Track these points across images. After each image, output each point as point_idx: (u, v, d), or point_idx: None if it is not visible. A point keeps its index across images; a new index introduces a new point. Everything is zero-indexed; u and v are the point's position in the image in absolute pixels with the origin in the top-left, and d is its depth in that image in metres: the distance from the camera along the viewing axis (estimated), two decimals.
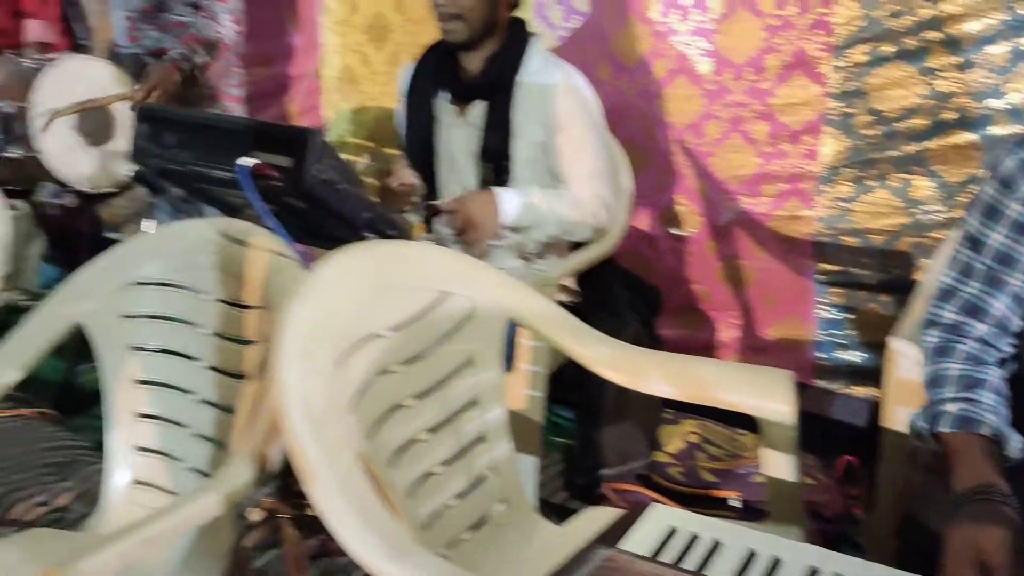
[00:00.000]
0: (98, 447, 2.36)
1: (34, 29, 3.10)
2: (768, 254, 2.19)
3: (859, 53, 1.91)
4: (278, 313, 1.26)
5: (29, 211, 2.52)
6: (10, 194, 2.44)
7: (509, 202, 1.74)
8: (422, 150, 1.91)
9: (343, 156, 2.74)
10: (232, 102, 2.61)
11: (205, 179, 1.39)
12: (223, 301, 1.35)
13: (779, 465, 1.21)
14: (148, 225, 2.48)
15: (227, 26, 2.44)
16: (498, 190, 1.76)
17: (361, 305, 1.15)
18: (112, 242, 3.30)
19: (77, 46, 3.48)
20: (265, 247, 1.31)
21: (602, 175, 1.86)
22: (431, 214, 1.80)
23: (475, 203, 1.71)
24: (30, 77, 2.18)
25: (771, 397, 1.19)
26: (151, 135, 1.43)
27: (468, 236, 1.71)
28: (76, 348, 2.45)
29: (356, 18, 2.69)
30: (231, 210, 1.50)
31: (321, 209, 1.36)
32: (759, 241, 2.19)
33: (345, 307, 1.13)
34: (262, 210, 1.23)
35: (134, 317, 1.38)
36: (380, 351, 1.18)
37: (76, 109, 2.21)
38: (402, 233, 1.51)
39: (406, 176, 1.84)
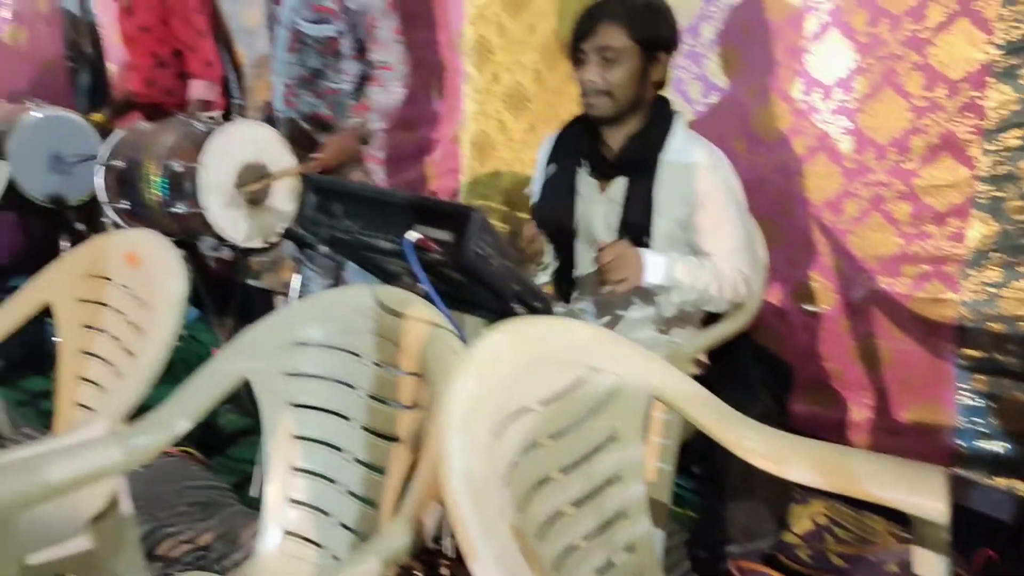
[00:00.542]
0: (236, 488, 2.50)
1: (198, 89, 3.37)
2: (906, 335, 2.14)
3: (1012, 137, 1.87)
4: (433, 381, 1.34)
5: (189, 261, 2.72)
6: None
7: (654, 263, 1.78)
8: (560, 222, 1.96)
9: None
10: (375, 164, 2.75)
11: (369, 248, 1.48)
12: (379, 365, 1.43)
13: (930, 565, 1.18)
14: (296, 279, 2.65)
15: (396, 93, 2.58)
16: (643, 250, 1.80)
17: (515, 380, 1.20)
18: (255, 289, 3.50)
19: (233, 105, 3.76)
20: (422, 316, 1.38)
21: (742, 251, 1.88)
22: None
23: (626, 247, 1.77)
24: (200, 139, 2.36)
25: (924, 494, 1.16)
26: (319, 205, 1.53)
27: (613, 275, 1.74)
28: None
29: (496, 87, 2.80)
30: (389, 277, 1.58)
31: (475, 281, 1.42)
32: (897, 322, 2.14)
33: (501, 382, 1.18)
34: (425, 282, 1.30)
35: (296, 375, 1.47)
36: (531, 425, 1.22)
37: (266, 182, 2.38)
38: (546, 304, 1.56)
39: (535, 236, 1.89)
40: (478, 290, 1.47)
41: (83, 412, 1.72)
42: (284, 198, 2.52)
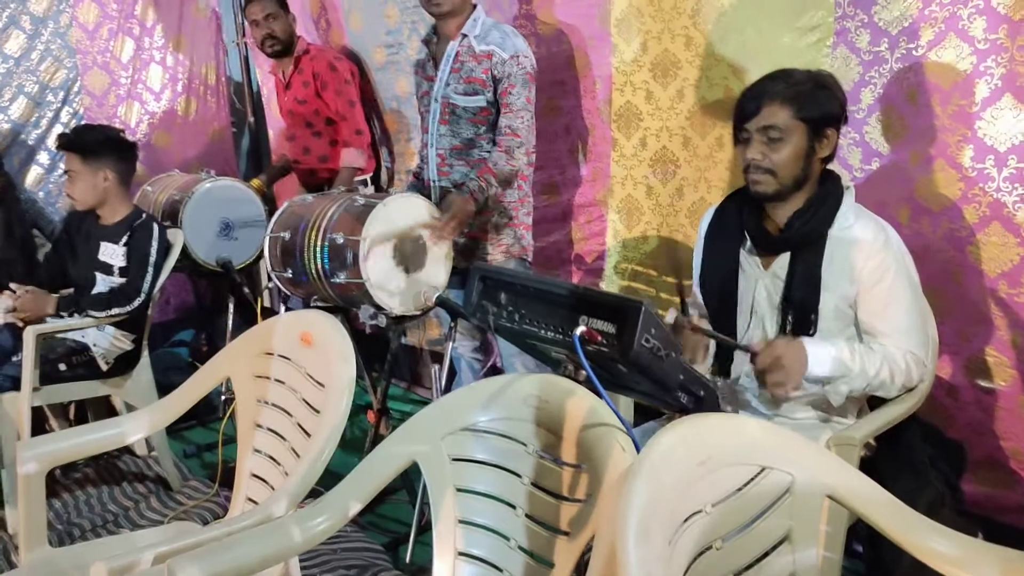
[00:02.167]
0: (387, 548, 2.56)
1: (349, 156, 3.54)
2: None
3: None
4: (597, 475, 1.34)
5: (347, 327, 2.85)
6: (329, 310, 2.76)
7: (817, 354, 1.71)
8: (721, 297, 1.93)
9: (631, 284, 2.85)
10: (523, 228, 2.80)
11: (533, 336, 1.50)
12: (543, 454, 1.44)
13: None
14: (448, 347, 2.71)
15: (520, 159, 2.63)
16: (807, 340, 1.73)
17: (688, 483, 1.19)
18: (403, 346, 3.60)
19: (382, 168, 3.93)
20: (586, 408, 1.39)
21: (915, 331, 1.79)
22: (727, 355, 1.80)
23: (783, 349, 1.69)
24: (360, 213, 2.47)
25: None
26: (486, 293, 1.57)
27: (771, 379, 1.69)
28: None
29: (643, 153, 2.80)
30: (551, 362, 1.60)
31: (640, 372, 1.41)
32: None
33: (674, 484, 1.16)
34: (593, 378, 1.31)
35: (462, 460, 1.50)
36: (703, 528, 1.20)
37: (390, 238, 2.47)
38: (711, 393, 1.54)
39: (700, 325, 1.86)
40: (641, 379, 1.47)
41: (257, 483, 1.81)
42: (438, 268, 2.60)
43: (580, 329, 1.37)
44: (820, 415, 1.90)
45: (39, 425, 3.10)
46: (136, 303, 2.86)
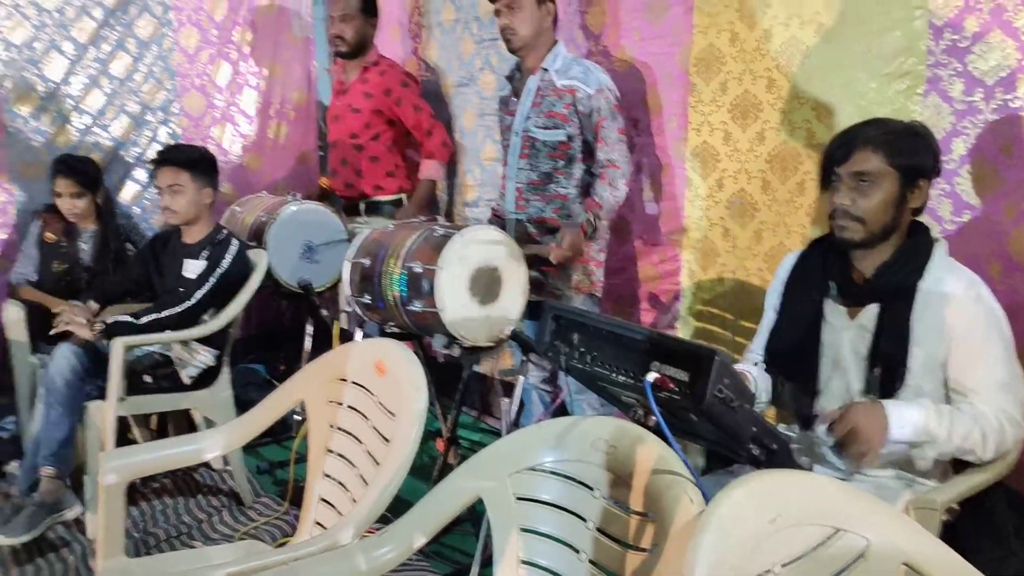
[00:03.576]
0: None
1: (429, 168, 3.66)
2: None
3: None
4: (664, 525, 1.32)
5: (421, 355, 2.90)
6: (403, 337, 2.81)
7: (900, 418, 1.65)
8: (802, 347, 1.89)
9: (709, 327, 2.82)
10: (594, 264, 2.80)
11: (605, 379, 1.50)
12: (608, 499, 1.43)
13: None
14: (520, 381, 2.72)
15: (621, 190, 2.65)
16: (889, 404, 1.67)
17: (757, 539, 1.16)
18: (475, 374, 3.63)
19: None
20: (655, 456, 1.37)
21: (1009, 389, 1.72)
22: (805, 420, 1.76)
23: (863, 415, 1.64)
24: (438, 243, 2.51)
25: None
26: (558, 332, 1.57)
27: (850, 449, 1.64)
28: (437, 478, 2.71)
29: (720, 194, 2.78)
30: (620, 404, 1.59)
31: (712, 422, 1.40)
32: None
33: (743, 541, 1.14)
34: (663, 424, 1.30)
35: (527, 500, 1.50)
36: None
37: (534, 253, 2.58)
38: (784, 447, 1.50)
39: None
40: (713, 429, 1.45)
41: (325, 508, 1.84)
42: (513, 300, 2.62)
43: (652, 375, 1.37)
44: (901, 475, 1.84)
45: (122, 433, 3.22)
46: (185, 306, 2.94)
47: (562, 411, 2.95)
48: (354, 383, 1.87)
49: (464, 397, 2.76)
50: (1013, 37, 2.06)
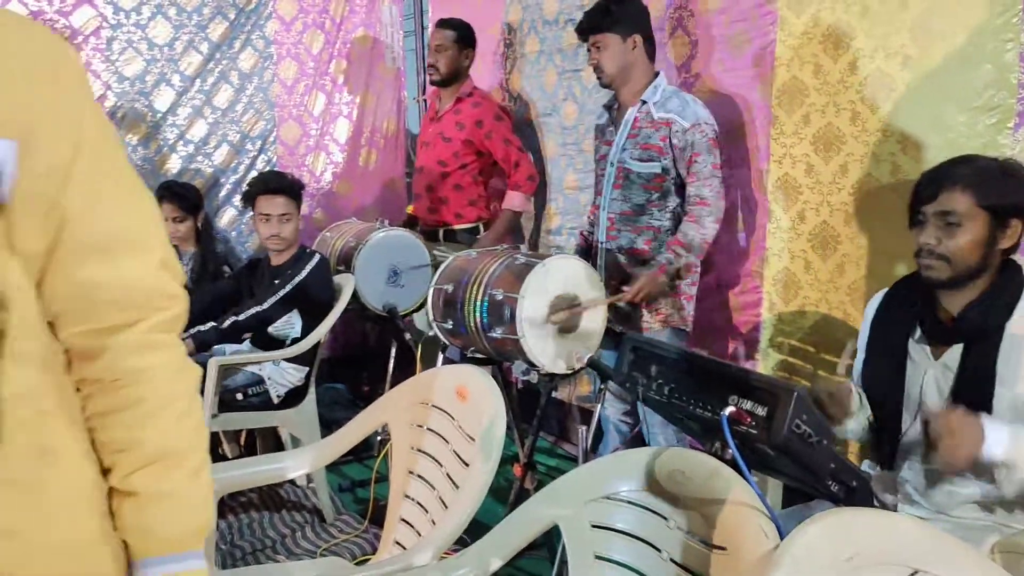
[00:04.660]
0: None
1: (515, 200, 3.70)
2: None
3: None
4: (740, 560, 1.33)
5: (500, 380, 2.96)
6: (484, 362, 2.87)
7: (995, 433, 1.60)
8: (886, 386, 1.87)
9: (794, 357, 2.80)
10: (685, 299, 2.81)
11: (682, 411, 1.52)
12: (684, 531, 1.45)
13: None
14: (596, 409, 2.75)
15: (710, 229, 2.66)
16: (985, 417, 1.63)
17: None
18: (553, 400, 3.67)
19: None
20: (731, 490, 1.39)
21: None
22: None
23: (960, 420, 1.60)
24: (520, 271, 2.56)
25: None
26: (636, 363, 1.61)
27: (943, 448, 1.59)
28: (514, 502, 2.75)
29: (802, 226, 2.76)
30: (700, 439, 1.61)
31: (788, 458, 1.40)
32: None
33: None
34: (739, 457, 1.31)
35: (603, 528, 1.53)
36: None
37: (576, 311, 2.57)
38: (863, 484, 1.50)
39: (846, 398, 1.81)
40: (790, 464, 1.45)
41: (405, 528, 1.90)
42: (592, 329, 2.65)
43: (729, 409, 1.39)
44: (987, 516, 1.79)
45: (213, 447, 3.37)
46: (257, 309, 3.10)
47: (639, 443, 2.95)
48: (436, 407, 1.93)
49: (541, 423, 2.80)
50: None
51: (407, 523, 1.92)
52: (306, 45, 4.51)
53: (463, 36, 3.74)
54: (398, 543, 1.91)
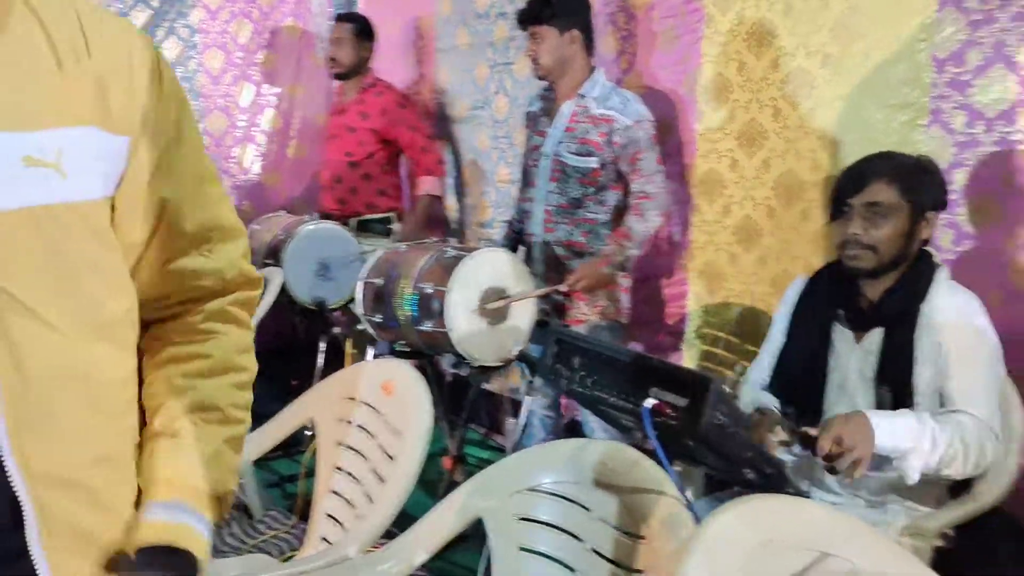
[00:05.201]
0: None
1: (427, 184, 3.72)
2: None
3: None
4: (658, 548, 1.36)
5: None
6: (414, 355, 2.86)
7: (885, 424, 1.64)
8: (809, 371, 1.93)
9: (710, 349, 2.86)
10: (620, 291, 2.84)
11: (604, 403, 1.54)
12: (606, 522, 1.47)
13: None
14: (528, 402, 2.77)
15: (654, 221, 2.69)
16: (870, 412, 1.67)
17: (744, 563, 1.20)
18: (484, 392, 3.68)
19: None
20: (651, 479, 1.42)
21: (990, 404, 1.75)
22: (802, 444, 1.77)
23: (845, 424, 1.61)
24: (449, 264, 2.56)
25: None
26: (560, 356, 1.62)
27: (840, 463, 1.61)
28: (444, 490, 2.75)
29: (727, 220, 2.82)
30: (619, 427, 1.63)
31: (708, 447, 1.43)
32: None
33: (730, 564, 1.18)
34: (660, 452, 1.34)
35: (527, 520, 1.54)
36: None
37: (507, 303, 2.57)
38: (778, 472, 1.54)
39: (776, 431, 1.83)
40: (709, 454, 1.49)
41: (331, 523, 1.89)
42: (521, 321, 2.66)
43: (650, 401, 1.41)
44: (897, 500, 1.86)
45: None
46: None
47: (574, 430, 2.98)
48: (362, 402, 1.92)
49: (472, 415, 2.81)
50: (1014, 71, 2.10)
51: (333, 519, 1.91)
52: (232, 35, 4.42)
53: (362, 29, 3.78)
54: (324, 539, 1.90)
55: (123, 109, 0.89)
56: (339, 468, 1.92)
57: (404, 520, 1.63)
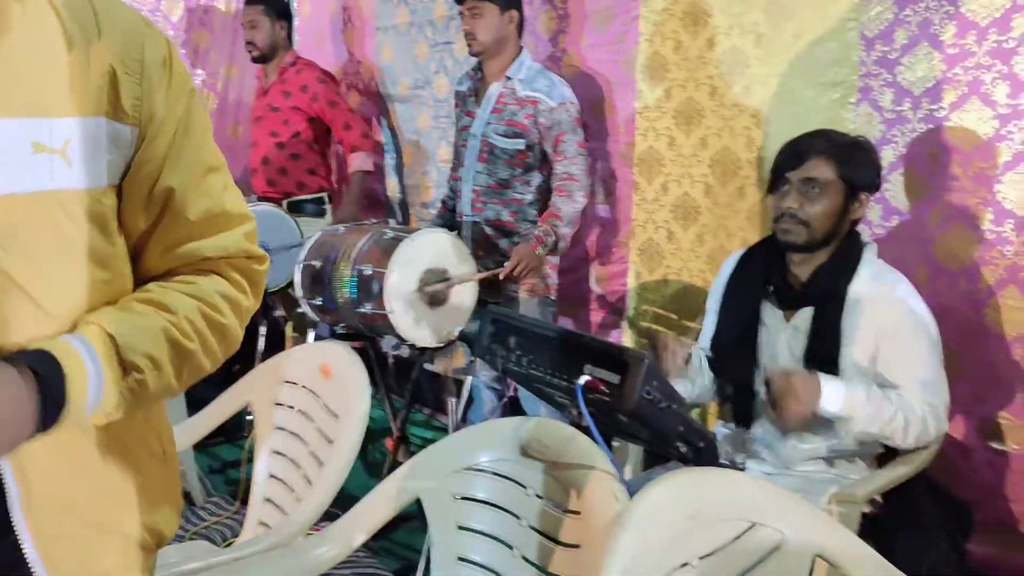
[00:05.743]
0: (397, 575, 2.61)
1: (357, 160, 3.68)
2: None
3: None
4: (592, 523, 1.38)
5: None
6: (354, 338, 2.84)
7: (832, 389, 1.74)
8: (740, 348, 1.96)
9: (648, 325, 2.89)
10: (549, 267, 2.86)
11: (540, 381, 1.55)
12: (542, 498, 1.49)
13: None
14: (467, 381, 2.77)
15: (580, 202, 2.70)
16: (823, 376, 1.76)
17: (675, 534, 1.22)
18: (427, 372, 3.68)
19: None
20: (585, 455, 1.43)
21: (933, 385, 1.81)
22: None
23: (800, 378, 1.74)
24: (389, 245, 2.55)
25: None
26: (496, 336, 1.63)
27: (783, 405, 1.72)
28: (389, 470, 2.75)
29: (665, 198, 2.85)
30: (556, 405, 1.65)
31: (640, 422, 1.46)
32: None
33: (661, 536, 1.20)
34: (592, 427, 1.36)
35: (465, 499, 1.55)
36: None
37: (456, 282, 2.57)
38: (710, 444, 1.57)
39: (676, 350, 1.88)
40: (643, 429, 1.51)
41: (271, 508, 1.88)
42: (462, 301, 2.66)
43: (584, 378, 1.42)
44: (828, 469, 1.92)
45: None
46: None
47: (514, 406, 3.00)
48: (300, 385, 1.90)
49: (414, 396, 2.81)
50: (939, 49, 2.15)
51: (273, 503, 1.89)
52: (164, 13, 4.31)
53: (274, 9, 3.72)
54: (263, 523, 1.89)
55: (133, 100, 0.90)
56: (277, 452, 1.91)
57: (348, 502, 1.62)
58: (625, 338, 3.05)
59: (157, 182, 0.94)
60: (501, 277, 2.60)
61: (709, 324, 2.13)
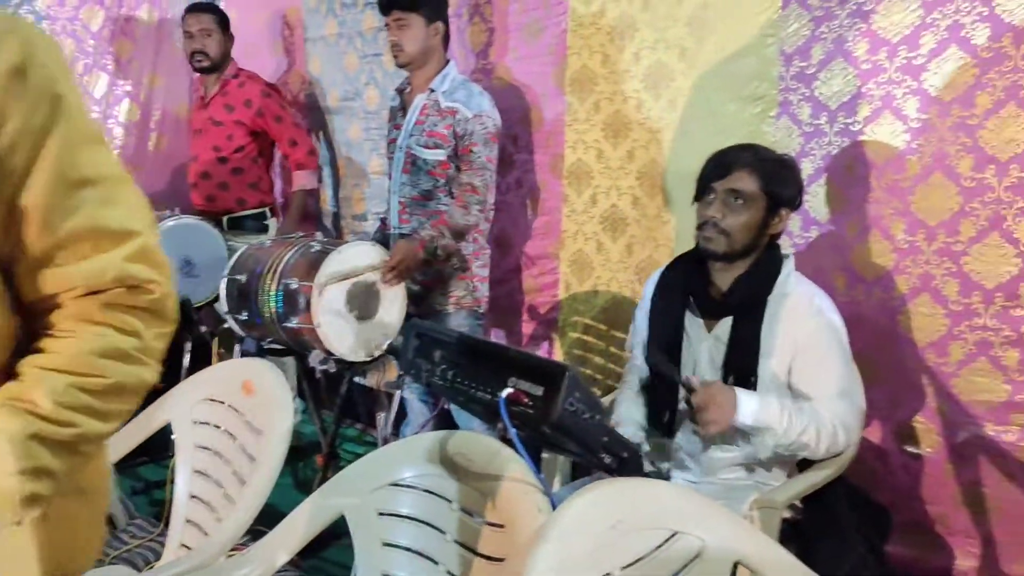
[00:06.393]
0: None
1: (302, 178, 3.65)
2: (1016, 486, 2.05)
3: None
4: (516, 536, 1.38)
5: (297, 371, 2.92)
6: (281, 353, 2.79)
7: (746, 403, 1.78)
8: (665, 359, 1.99)
9: (579, 336, 2.91)
10: (477, 280, 2.85)
11: (465, 395, 1.55)
12: (467, 512, 1.48)
13: None
14: (396, 395, 2.75)
15: (473, 216, 2.68)
16: (740, 390, 1.80)
17: (597, 545, 1.23)
18: (357, 386, 3.63)
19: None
20: (509, 468, 1.43)
21: (844, 398, 1.86)
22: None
23: (719, 392, 1.78)
24: (316, 259, 2.51)
25: None
26: (420, 350, 1.62)
27: (702, 417, 1.77)
28: None
29: (594, 209, 2.88)
30: (485, 420, 1.64)
31: (565, 434, 1.46)
32: (1006, 471, 2.06)
33: (584, 547, 1.20)
34: (516, 439, 1.35)
35: (389, 515, 1.54)
36: None
37: (336, 279, 2.52)
38: (634, 455, 1.59)
39: None
40: (567, 440, 1.52)
41: (192, 529, 1.83)
42: (390, 315, 2.64)
43: (507, 391, 1.42)
44: (748, 476, 1.95)
45: None
46: None
47: (446, 419, 2.97)
48: (222, 403, 1.86)
49: (345, 411, 2.77)
50: (853, 65, 2.22)
51: (194, 524, 1.84)
52: (83, 21, 4.18)
53: (223, 19, 3.67)
54: (184, 545, 1.84)
55: None
56: (199, 472, 1.86)
57: (278, 521, 1.59)
58: (556, 348, 3.06)
59: (16, 200, 0.87)
60: (383, 272, 2.58)
61: (640, 336, 2.15)
